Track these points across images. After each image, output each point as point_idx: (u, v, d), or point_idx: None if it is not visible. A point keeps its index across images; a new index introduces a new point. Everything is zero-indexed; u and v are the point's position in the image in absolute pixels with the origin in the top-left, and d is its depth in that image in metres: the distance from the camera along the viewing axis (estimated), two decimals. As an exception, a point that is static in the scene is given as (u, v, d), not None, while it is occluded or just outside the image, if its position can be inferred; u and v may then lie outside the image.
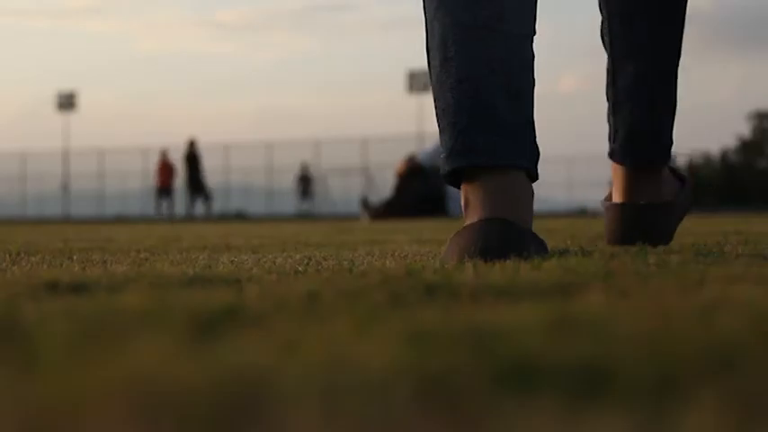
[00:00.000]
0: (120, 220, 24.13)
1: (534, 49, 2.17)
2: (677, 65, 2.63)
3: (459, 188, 2.21)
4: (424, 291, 1.28)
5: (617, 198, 2.69)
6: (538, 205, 2.32)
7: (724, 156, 48.02)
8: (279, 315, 1.05)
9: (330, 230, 5.59)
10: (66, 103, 40.97)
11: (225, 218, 24.77)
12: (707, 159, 45.62)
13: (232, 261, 2.19)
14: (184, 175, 26.41)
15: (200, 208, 26.22)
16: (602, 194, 3.01)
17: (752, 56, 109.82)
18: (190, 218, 24.34)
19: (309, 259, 2.19)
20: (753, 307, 1.04)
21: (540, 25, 2.14)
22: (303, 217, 24.91)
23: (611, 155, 2.70)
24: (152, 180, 28.22)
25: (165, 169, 27.12)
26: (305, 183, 32.98)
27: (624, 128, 2.67)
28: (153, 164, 41.98)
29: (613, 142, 2.70)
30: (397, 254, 2.41)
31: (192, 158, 26.28)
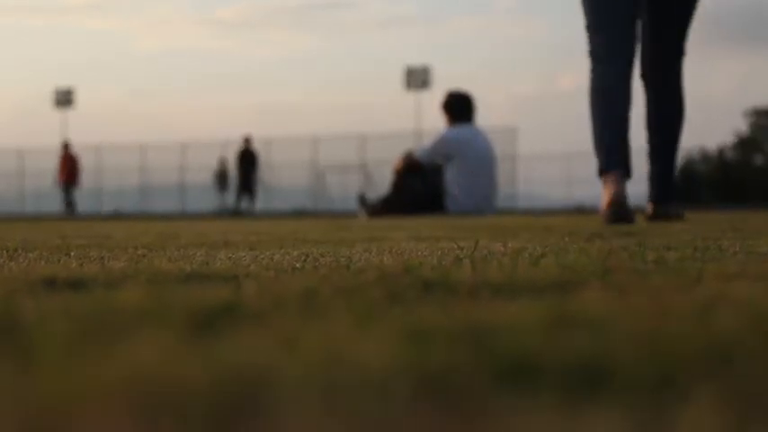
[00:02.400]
0: (118, 216, 24.10)
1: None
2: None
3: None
4: (422, 288, 1.28)
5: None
6: (536, 203, 2.37)
7: (721, 153, 48.01)
8: (276, 312, 1.05)
9: (328, 227, 5.59)
10: (64, 99, 40.98)
11: (223, 214, 24.75)
12: (704, 156, 45.64)
13: (230, 258, 2.18)
14: (237, 171, 26.42)
15: (246, 204, 26.23)
16: (600, 191, 3.10)
17: (751, 54, 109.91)
18: (236, 213, 24.29)
19: (307, 256, 2.19)
20: (750, 304, 1.04)
21: (538, 22, 2.16)
22: (222, 213, 24.59)
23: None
24: (58, 176, 26.97)
25: (69, 163, 26.41)
26: (222, 178, 32.53)
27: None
28: (151, 161, 42.08)
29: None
30: (394, 251, 2.41)
31: (248, 155, 26.32)
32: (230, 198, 31.73)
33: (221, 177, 32.34)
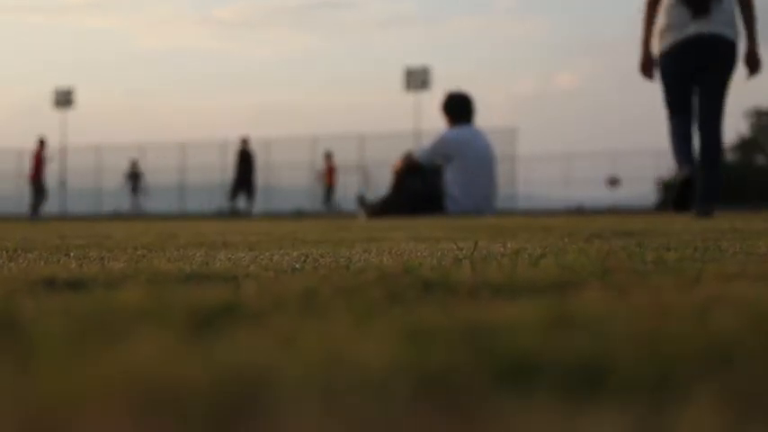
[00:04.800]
0: (117, 216, 24.07)
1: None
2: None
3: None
4: (422, 288, 1.28)
5: None
6: (535, 203, 2.39)
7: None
8: (276, 312, 1.05)
9: (327, 228, 5.59)
10: (64, 100, 40.98)
11: (222, 215, 24.71)
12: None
13: (229, 258, 2.19)
14: (235, 171, 26.23)
15: (241, 203, 26.00)
16: (599, 192, 3.15)
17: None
18: (233, 214, 24.11)
19: (306, 256, 2.19)
20: (749, 304, 1.04)
21: (538, 22, 2.17)
22: (136, 216, 23.94)
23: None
24: (26, 176, 26.07)
25: (39, 162, 25.62)
26: (134, 179, 31.86)
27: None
28: (151, 161, 42.04)
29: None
30: (394, 251, 2.41)
31: (245, 156, 26.18)
32: (142, 199, 31.40)
33: (133, 179, 31.80)
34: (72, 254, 2.46)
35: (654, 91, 7.43)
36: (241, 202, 26.27)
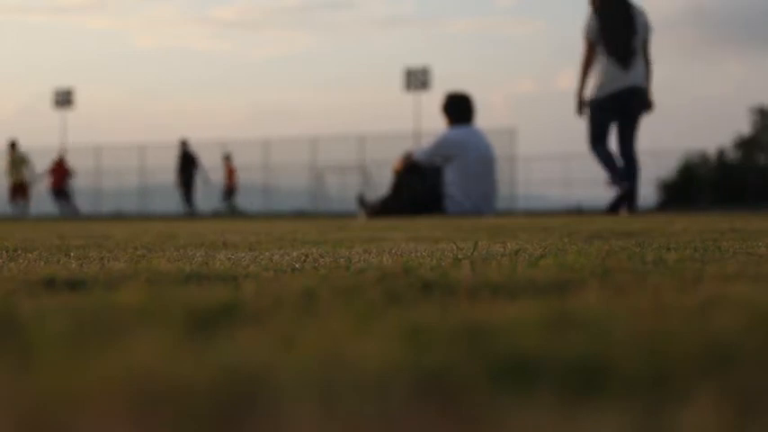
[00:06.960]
0: (117, 216, 24.05)
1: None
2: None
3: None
4: (421, 288, 1.28)
5: None
6: (535, 203, 2.39)
7: (720, 154, 47.99)
8: (276, 312, 1.05)
9: (327, 228, 5.59)
10: (64, 100, 40.99)
11: (222, 215, 24.69)
12: (703, 158, 45.60)
13: (229, 258, 2.18)
14: (178, 175, 26.20)
15: (186, 208, 25.92)
16: (599, 192, 3.14)
17: (749, 55, 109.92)
18: (191, 215, 24.15)
19: (306, 256, 2.19)
20: (749, 305, 1.04)
21: (538, 22, 2.17)
22: (69, 218, 23.94)
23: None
24: (47, 181, 26.81)
25: (61, 170, 26.61)
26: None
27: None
28: (151, 162, 42.00)
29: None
30: (394, 251, 2.41)
31: (187, 158, 26.13)
32: (74, 201, 31.18)
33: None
34: (72, 254, 2.46)
35: (654, 91, 9.71)
36: (188, 206, 25.98)
